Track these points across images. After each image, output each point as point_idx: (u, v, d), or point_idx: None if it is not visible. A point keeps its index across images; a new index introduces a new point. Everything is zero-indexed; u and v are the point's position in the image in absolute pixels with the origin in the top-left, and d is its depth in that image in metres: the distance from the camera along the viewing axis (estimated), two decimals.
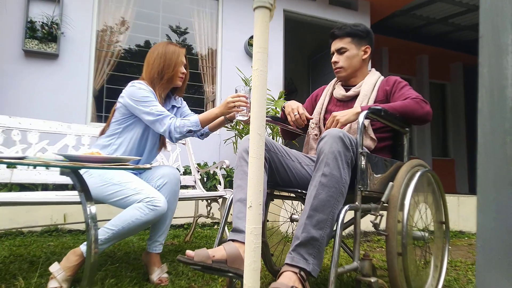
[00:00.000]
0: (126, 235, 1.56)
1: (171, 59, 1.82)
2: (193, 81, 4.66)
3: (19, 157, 1.17)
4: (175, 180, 1.76)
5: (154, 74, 1.81)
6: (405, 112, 1.52)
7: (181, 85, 1.94)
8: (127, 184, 1.60)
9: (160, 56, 1.81)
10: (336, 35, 1.76)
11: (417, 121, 1.56)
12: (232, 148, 4.32)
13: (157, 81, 1.82)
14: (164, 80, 1.82)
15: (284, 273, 1.12)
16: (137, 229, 1.54)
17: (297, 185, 1.53)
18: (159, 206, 1.54)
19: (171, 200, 1.74)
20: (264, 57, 0.84)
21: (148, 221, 1.53)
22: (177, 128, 1.72)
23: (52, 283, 1.45)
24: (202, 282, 1.71)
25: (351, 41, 1.73)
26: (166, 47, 1.84)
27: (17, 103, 3.57)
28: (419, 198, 1.53)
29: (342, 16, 5.41)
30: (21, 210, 2.77)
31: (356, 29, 1.73)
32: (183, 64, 1.88)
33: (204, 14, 4.67)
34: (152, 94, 1.76)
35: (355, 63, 1.74)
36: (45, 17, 3.65)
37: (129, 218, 1.51)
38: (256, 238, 0.81)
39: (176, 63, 1.83)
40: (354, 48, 1.73)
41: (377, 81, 1.72)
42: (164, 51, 1.82)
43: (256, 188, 0.82)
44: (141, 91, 1.73)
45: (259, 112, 0.83)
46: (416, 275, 1.47)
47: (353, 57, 1.73)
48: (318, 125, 1.79)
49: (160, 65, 1.80)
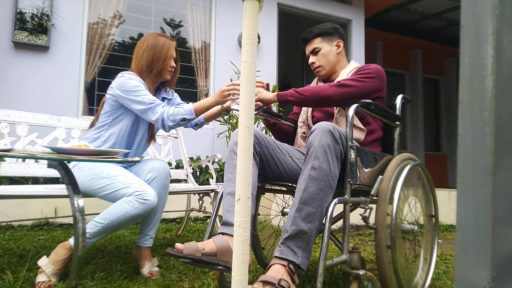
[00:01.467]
0: (116, 229, 1.55)
1: (161, 52, 1.79)
2: (186, 74, 4.63)
3: (6, 149, 1.15)
4: (165, 173, 1.75)
5: (143, 66, 1.78)
6: (313, 94, 1.56)
7: (170, 78, 1.91)
8: (116, 177, 1.59)
9: (150, 48, 1.78)
10: (307, 39, 1.82)
11: (320, 103, 1.60)
12: (225, 142, 4.32)
13: (146, 74, 1.79)
14: (153, 74, 1.80)
15: (273, 266, 1.13)
16: (127, 222, 1.53)
17: (288, 179, 1.53)
18: (149, 199, 1.53)
19: (161, 194, 1.73)
20: (253, 49, 0.83)
21: (138, 214, 1.52)
22: (170, 116, 1.69)
23: (40, 277, 1.44)
24: (193, 276, 1.71)
25: (322, 39, 1.78)
26: (156, 39, 1.80)
27: (6, 96, 3.51)
28: (408, 191, 1.54)
29: (337, 10, 5.40)
30: (11, 203, 2.74)
31: (323, 28, 1.78)
32: (173, 57, 1.85)
33: (197, 7, 4.63)
34: (142, 84, 1.74)
35: (331, 59, 1.77)
36: (35, 8, 3.59)
37: (118, 211, 1.50)
38: (245, 231, 0.81)
39: (166, 57, 1.80)
40: (326, 45, 1.77)
41: (351, 71, 1.72)
42: (154, 43, 1.79)
43: (244, 181, 0.82)
44: (131, 81, 1.70)
45: (247, 105, 0.82)
46: (406, 268, 1.48)
47: (327, 53, 1.77)
48: (307, 123, 1.80)
49: (150, 58, 1.78)
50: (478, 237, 0.42)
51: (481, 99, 0.42)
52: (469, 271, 0.42)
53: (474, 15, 0.42)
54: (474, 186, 0.43)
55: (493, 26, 0.41)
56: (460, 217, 0.44)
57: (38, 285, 1.42)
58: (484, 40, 0.41)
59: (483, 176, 0.42)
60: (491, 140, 0.41)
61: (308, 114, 1.80)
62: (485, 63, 0.41)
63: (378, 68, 1.63)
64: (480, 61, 0.41)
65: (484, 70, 0.41)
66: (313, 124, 1.76)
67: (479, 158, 0.42)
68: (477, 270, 0.41)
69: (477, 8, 0.41)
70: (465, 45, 0.43)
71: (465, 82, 0.43)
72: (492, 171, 0.42)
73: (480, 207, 0.42)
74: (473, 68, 0.42)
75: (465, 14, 0.43)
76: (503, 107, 0.42)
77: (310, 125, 1.78)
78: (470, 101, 0.43)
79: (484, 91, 0.41)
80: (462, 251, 0.43)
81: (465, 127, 0.43)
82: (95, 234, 1.50)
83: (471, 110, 0.43)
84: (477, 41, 0.42)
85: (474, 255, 0.42)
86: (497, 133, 0.42)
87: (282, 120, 1.90)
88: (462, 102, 0.44)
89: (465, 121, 0.43)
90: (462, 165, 0.44)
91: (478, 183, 0.42)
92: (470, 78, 0.43)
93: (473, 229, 0.42)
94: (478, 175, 0.42)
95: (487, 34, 0.41)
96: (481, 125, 0.42)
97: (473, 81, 0.42)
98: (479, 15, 0.41)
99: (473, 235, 0.42)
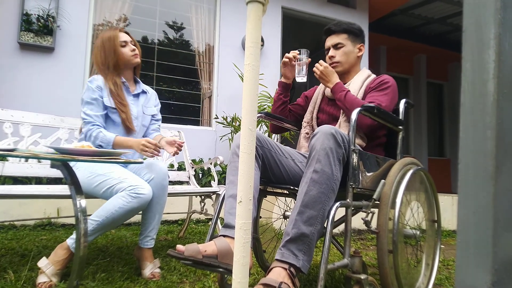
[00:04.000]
0: (112, 225, 1.56)
1: (109, 45, 1.85)
2: (189, 77, 4.65)
3: (10, 149, 1.16)
4: (162, 174, 1.75)
5: (100, 65, 1.87)
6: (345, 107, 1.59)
7: (139, 62, 1.96)
8: (110, 174, 1.61)
9: (100, 47, 1.87)
10: (332, 30, 1.77)
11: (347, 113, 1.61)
12: (228, 144, 4.32)
13: (105, 71, 1.86)
14: (111, 68, 1.86)
15: (273, 269, 1.12)
16: (122, 218, 1.54)
17: (290, 182, 1.53)
18: (143, 193, 1.55)
19: (160, 194, 1.73)
20: (256, 52, 0.84)
21: (133, 208, 1.54)
22: (92, 137, 1.75)
23: (41, 278, 1.45)
24: (194, 278, 1.71)
25: (348, 37, 1.75)
26: (103, 36, 1.88)
27: (12, 96, 3.54)
28: (411, 196, 1.53)
29: (341, 14, 5.40)
30: (14, 203, 2.75)
31: (352, 26, 1.76)
32: (125, 43, 1.90)
33: (201, 10, 4.65)
34: (95, 92, 1.80)
35: (351, 60, 1.76)
36: (41, 9, 3.61)
37: (112, 207, 1.52)
38: (246, 233, 0.81)
39: (115, 47, 1.85)
40: (350, 45, 1.75)
41: (365, 80, 1.73)
42: (101, 41, 1.87)
43: (246, 183, 0.82)
44: (85, 93, 1.80)
45: (250, 107, 0.82)
46: (407, 273, 1.47)
47: (349, 53, 1.75)
48: (311, 124, 1.80)
49: (102, 56, 1.85)
50: (479, 241, 0.42)
51: (482, 104, 0.42)
52: (469, 275, 0.42)
53: (476, 20, 0.42)
54: (475, 190, 0.42)
55: (495, 30, 0.41)
56: (461, 221, 0.44)
57: (39, 286, 1.43)
58: (486, 45, 0.41)
59: (484, 180, 0.42)
60: (492, 144, 0.41)
61: (314, 115, 1.80)
62: (487, 67, 0.41)
63: (394, 83, 1.66)
64: (482, 66, 0.41)
65: (486, 74, 0.41)
66: (317, 126, 1.76)
67: (480, 162, 0.42)
68: (478, 274, 0.41)
69: (480, 13, 0.41)
70: (467, 49, 0.44)
71: (467, 86, 0.43)
72: (493, 175, 0.42)
73: (481, 211, 0.42)
74: (475, 72, 0.42)
75: (467, 18, 0.44)
76: (505, 112, 0.42)
77: (314, 127, 1.78)
78: (471, 105, 0.43)
79: (485, 95, 0.41)
80: (462, 255, 0.43)
81: (466, 131, 0.43)
82: (91, 232, 1.51)
83: (472, 114, 0.43)
84: (479, 45, 0.42)
85: (474, 259, 0.42)
86: (499, 137, 0.41)
87: (284, 122, 1.91)
88: (464, 106, 0.44)
89: (466, 125, 0.43)
90: (463, 169, 0.44)
91: (479, 187, 0.42)
92: (472, 82, 0.43)
93: (474, 233, 0.42)
94: (479, 179, 0.42)
95: (489, 38, 0.41)
96: (483, 129, 0.42)
97: (475, 85, 0.42)
98: (481, 20, 0.41)
99: (474, 239, 0.42)
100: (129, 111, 1.86)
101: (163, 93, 4.72)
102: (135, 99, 1.96)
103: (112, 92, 1.82)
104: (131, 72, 1.97)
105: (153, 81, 4.40)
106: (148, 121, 2.02)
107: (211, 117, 4.48)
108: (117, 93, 1.83)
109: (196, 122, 4.57)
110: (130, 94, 1.94)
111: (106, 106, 1.81)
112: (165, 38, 4.67)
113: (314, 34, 6.23)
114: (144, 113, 1.98)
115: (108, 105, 1.81)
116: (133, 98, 1.95)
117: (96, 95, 1.79)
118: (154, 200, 1.70)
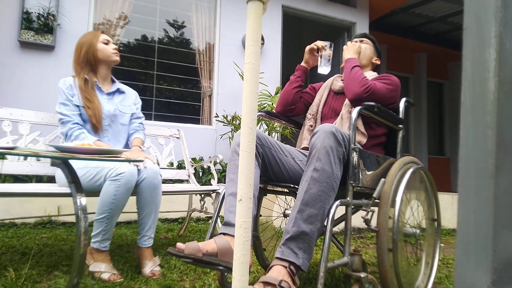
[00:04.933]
0: (119, 212, 1.62)
1: (91, 42, 1.91)
2: (190, 75, 4.64)
3: (9, 147, 1.16)
4: (153, 173, 1.74)
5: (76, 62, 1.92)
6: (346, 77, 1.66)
7: (119, 60, 1.98)
8: (91, 163, 1.67)
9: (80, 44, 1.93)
10: (365, 35, 1.95)
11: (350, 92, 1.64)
12: (228, 143, 4.32)
13: (78, 69, 1.91)
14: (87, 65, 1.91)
15: (273, 266, 1.13)
16: (123, 200, 1.60)
17: (290, 180, 1.53)
18: (122, 172, 1.58)
19: (153, 194, 1.73)
20: (257, 50, 0.84)
21: (125, 190, 1.59)
22: (72, 136, 1.78)
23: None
24: (194, 276, 1.71)
25: (372, 46, 1.91)
26: (85, 35, 1.95)
27: (12, 94, 3.54)
28: (411, 195, 1.53)
29: (341, 13, 5.40)
30: (15, 201, 2.75)
31: (376, 42, 1.96)
32: (107, 41, 1.94)
33: (202, 9, 4.64)
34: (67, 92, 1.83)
35: (367, 57, 1.88)
36: (41, 8, 3.61)
37: (108, 198, 1.57)
38: (246, 231, 0.81)
39: (91, 47, 1.90)
40: (372, 50, 1.90)
41: (372, 76, 1.74)
42: (83, 39, 1.93)
43: (246, 182, 0.82)
44: (59, 96, 1.84)
45: (250, 106, 0.82)
46: (407, 272, 1.48)
47: (369, 53, 1.88)
48: (315, 117, 1.80)
49: (81, 52, 1.91)
50: (479, 240, 0.42)
51: (483, 102, 0.42)
52: (469, 274, 0.42)
53: (477, 18, 0.42)
54: (475, 189, 0.43)
55: (496, 29, 0.41)
56: (461, 220, 0.44)
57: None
58: (487, 43, 0.41)
59: (484, 179, 0.42)
60: (492, 143, 0.41)
61: (319, 108, 1.81)
62: (487, 66, 0.41)
63: (397, 81, 1.71)
64: (483, 64, 0.41)
65: (487, 73, 0.41)
66: (320, 120, 1.78)
67: (481, 161, 0.42)
68: (478, 273, 0.41)
69: (480, 11, 0.41)
70: (468, 48, 0.43)
71: (467, 85, 0.43)
72: (494, 174, 0.42)
73: (481, 210, 0.42)
74: (475, 71, 0.42)
75: (468, 17, 0.44)
76: (505, 110, 0.42)
77: (318, 120, 1.79)
78: (472, 104, 0.43)
79: (486, 94, 0.41)
80: (462, 254, 0.43)
81: (466, 130, 0.43)
82: (106, 230, 1.59)
83: (473, 113, 0.43)
84: (480, 44, 0.42)
85: (474, 258, 0.42)
86: (499, 136, 0.41)
87: (283, 121, 1.91)
88: (464, 105, 0.44)
89: (466, 123, 0.43)
90: (464, 168, 0.44)
91: (479, 186, 0.42)
92: (472, 80, 0.43)
93: (474, 232, 0.42)
94: (479, 178, 0.42)
95: (490, 37, 0.41)
96: (483, 128, 0.42)
97: (475, 84, 0.42)
98: (482, 18, 0.41)
99: (474, 238, 0.42)
100: (98, 108, 1.86)
101: (163, 91, 4.72)
102: (109, 98, 1.98)
103: (80, 88, 1.85)
104: (108, 71, 2.00)
105: (153, 80, 4.40)
106: (127, 120, 2.03)
107: (211, 116, 4.48)
108: (84, 89, 1.85)
109: (196, 121, 4.57)
110: (104, 93, 1.95)
111: (77, 105, 1.84)
112: (165, 37, 4.66)
113: (314, 33, 6.23)
114: (121, 111, 1.99)
115: (77, 103, 1.83)
116: (107, 96, 1.97)
117: (68, 95, 1.83)
118: (147, 199, 1.70)
